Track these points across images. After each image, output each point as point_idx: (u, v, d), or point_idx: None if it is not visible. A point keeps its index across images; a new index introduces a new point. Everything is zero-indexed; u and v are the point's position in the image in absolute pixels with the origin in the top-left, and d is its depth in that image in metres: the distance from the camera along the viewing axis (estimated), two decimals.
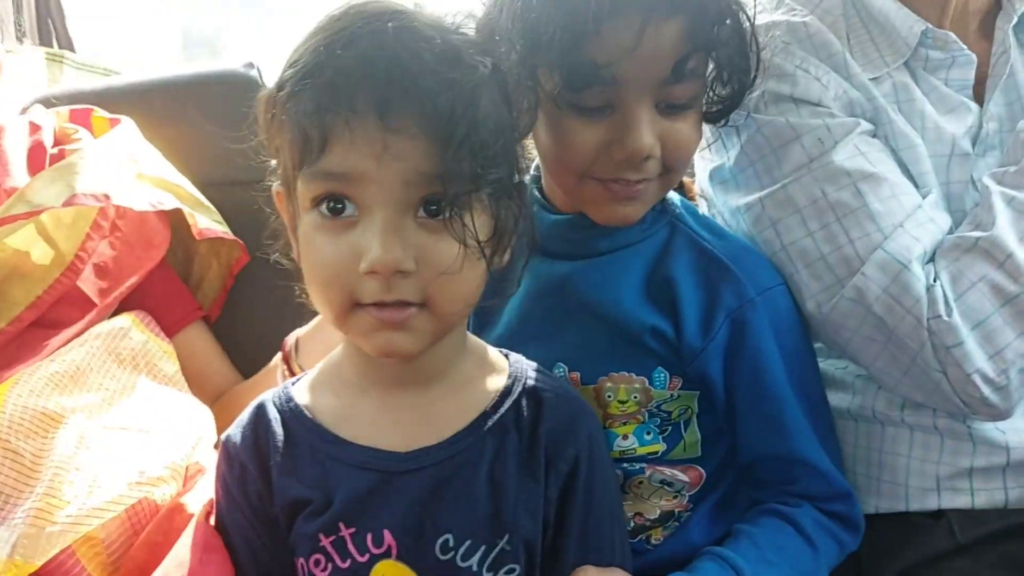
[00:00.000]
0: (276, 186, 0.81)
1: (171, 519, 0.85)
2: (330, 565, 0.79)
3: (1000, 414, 0.97)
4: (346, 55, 0.69)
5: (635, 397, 0.94)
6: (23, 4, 1.63)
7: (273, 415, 0.82)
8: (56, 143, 1.12)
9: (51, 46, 1.64)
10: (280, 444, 0.81)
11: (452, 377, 0.82)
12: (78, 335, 0.99)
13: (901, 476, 1.05)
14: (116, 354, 0.96)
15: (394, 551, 0.78)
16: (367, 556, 0.78)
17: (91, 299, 1.01)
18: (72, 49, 1.64)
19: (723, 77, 0.89)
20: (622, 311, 0.93)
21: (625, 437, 0.95)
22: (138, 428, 0.90)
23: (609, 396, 0.95)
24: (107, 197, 1.02)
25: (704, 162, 1.10)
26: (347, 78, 0.69)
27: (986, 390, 0.94)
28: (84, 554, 0.80)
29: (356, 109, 0.69)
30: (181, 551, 0.79)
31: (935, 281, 0.95)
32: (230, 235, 1.17)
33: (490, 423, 0.80)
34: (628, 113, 0.84)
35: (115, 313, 1.06)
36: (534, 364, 0.86)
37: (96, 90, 1.43)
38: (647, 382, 0.94)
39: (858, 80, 1.03)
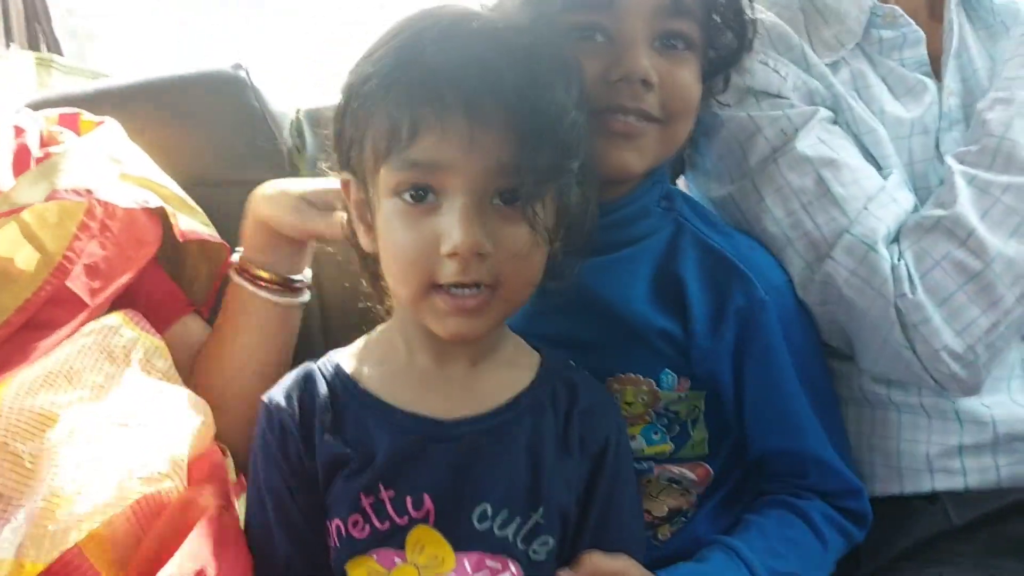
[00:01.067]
0: (343, 176, 0.86)
1: (183, 513, 0.85)
2: (368, 526, 0.82)
3: (970, 389, 1.00)
4: (436, 52, 0.76)
5: (642, 399, 0.95)
6: (10, 8, 1.63)
7: (319, 379, 0.87)
8: (43, 145, 1.12)
9: (39, 50, 1.64)
10: (325, 405, 0.85)
11: (495, 356, 0.87)
12: (70, 335, 0.98)
13: (893, 459, 1.06)
14: (108, 351, 0.96)
15: (432, 516, 0.81)
16: (406, 519, 0.82)
17: (82, 299, 1.01)
18: (60, 53, 1.64)
19: (720, 25, 0.94)
20: (631, 312, 0.94)
21: (632, 438, 0.96)
22: (136, 423, 0.89)
23: (616, 398, 0.95)
24: (89, 192, 1.02)
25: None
26: (438, 74, 0.75)
27: (955, 366, 0.96)
28: (92, 551, 0.79)
29: (446, 103, 0.74)
30: (194, 544, 0.80)
31: (899, 260, 0.97)
32: (216, 238, 1.16)
33: (529, 401, 0.85)
34: (624, 37, 0.89)
35: (107, 312, 1.06)
36: (560, 356, 0.90)
37: (85, 93, 1.43)
38: (654, 384, 0.95)
39: (817, 70, 1.07)
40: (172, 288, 1.15)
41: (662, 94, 0.90)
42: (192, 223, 1.14)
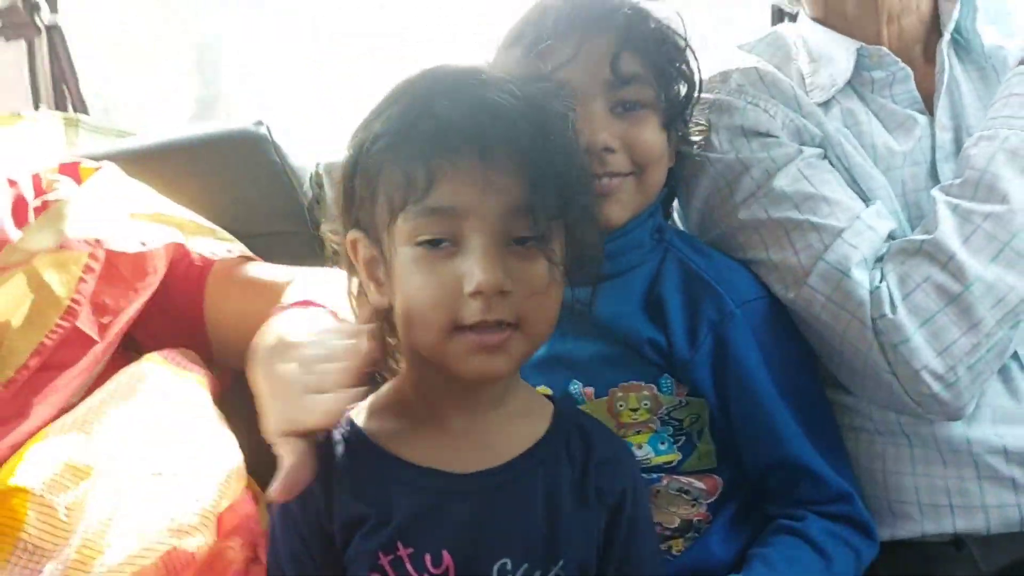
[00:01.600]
0: (351, 235, 0.86)
1: (211, 567, 0.86)
2: None
3: (952, 412, 1.01)
4: (447, 104, 0.78)
5: (645, 404, 1.01)
6: (39, 70, 1.68)
7: (335, 437, 0.86)
8: (39, 195, 1.16)
9: (66, 110, 1.68)
10: (342, 464, 0.85)
11: (509, 407, 0.87)
12: (87, 372, 1.02)
13: (910, 495, 1.07)
14: (143, 395, 0.98)
15: (452, 572, 0.81)
16: None
17: (92, 337, 1.04)
18: (87, 112, 1.68)
19: (667, 79, 1.02)
20: (624, 324, 1.01)
21: (640, 447, 1.01)
22: (169, 472, 0.91)
23: (620, 405, 1.01)
24: (99, 242, 1.05)
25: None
26: (451, 123, 0.77)
27: (936, 386, 0.98)
28: None
29: (460, 150, 0.77)
30: None
31: (881, 282, 1.01)
32: (233, 254, 1.19)
33: (544, 452, 0.86)
34: (582, 110, 0.95)
35: (122, 342, 1.09)
36: (573, 404, 0.93)
37: (111, 152, 1.47)
38: (655, 389, 1.01)
39: (808, 110, 1.14)
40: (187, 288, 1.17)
41: (628, 152, 0.99)
42: (208, 243, 1.18)
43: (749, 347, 1.00)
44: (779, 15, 1.55)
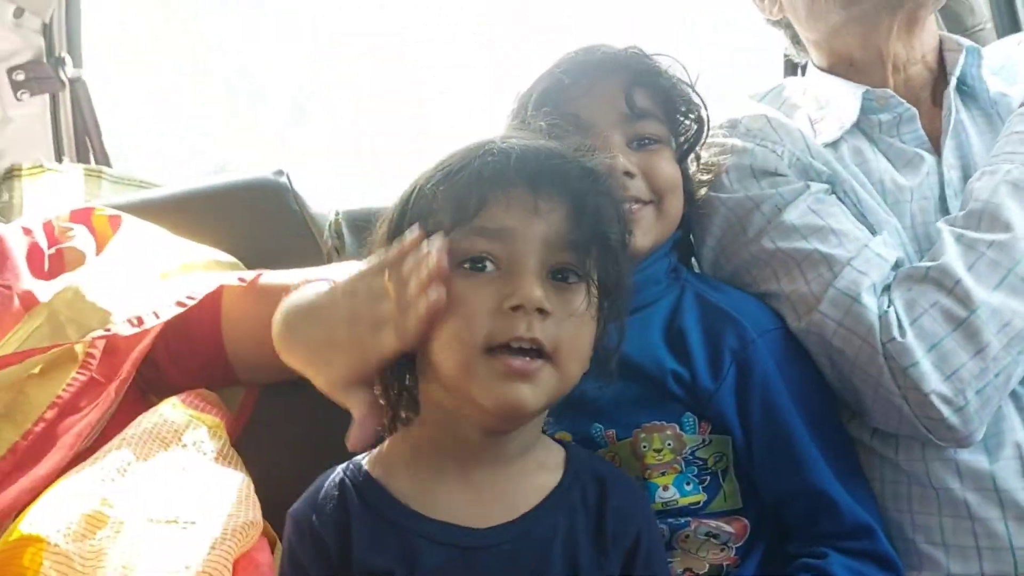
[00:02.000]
0: None
1: None
2: None
3: (963, 439, 1.02)
4: (502, 145, 0.84)
5: (669, 444, 1.01)
6: (61, 122, 1.70)
7: (348, 489, 0.86)
8: (53, 243, 1.17)
9: (88, 162, 1.70)
10: (359, 517, 0.84)
11: (526, 458, 0.87)
12: (99, 413, 1.02)
13: (936, 535, 1.06)
14: (161, 440, 0.98)
15: None
16: None
17: (100, 380, 1.04)
18: (109, 164, 1.70)
19: (676, 116, 1.11)
20: (646, 359, 1.03)
21: (665, 488, 1.01)
22: (185, 520, 0.90)
23: (644, 447, 1.01)
24: (140, 320, 1.06)
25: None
26: (505, 156, 0.83)
27: (945, 411, 0.99)
28: None
29: (512, 180, 0.82)
30: None
31: (889, 307, 1.03)
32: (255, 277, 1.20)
33: (559, 501, 0.86)
34: (601, 143, 1.00)
35: (136, 378, 1.09)
36: (584, 449, 0.93)
37: (132, 202, 1.49)
38: (678, 428, 1.01)
39: (816, 150, 1.18)
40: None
41: (647, 180, 1.07)
42: (233, 276, 1.19)
43: (772, 374, 1.03)
44: (792, 67, 1.57)
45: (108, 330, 1.04)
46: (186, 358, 1.12)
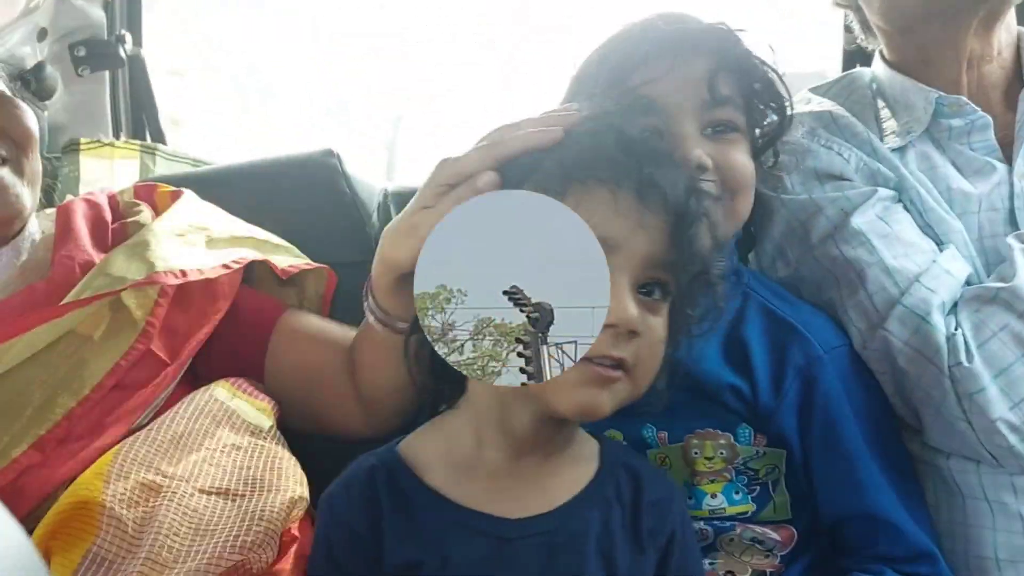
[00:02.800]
0: None
1: None
2: None
3: None
4: (614, 146, 0.80)
5: (721, 453, 0.98)
6: (119, 101, 1.74)
7: (382, 477, 0.85)
8: (118, 218, 1.19)
9: (143, 139, 1.74)
10: (393, 506, 0.83)
11: (566, 452, 0.86)
12: (155, 393, 1.05)
13: (988, 550, 1.03)
14: (214, 419, 1.00)
15: None
16: None
17: (163, 359, 1.07)
18: (164, 142, 1.73)
19: (757, 106, 1.02)
20: (702, 371, 0.97)
21: (714, 496, 0.98)
22: (235, 493, 0.93)
23: (696, 453, 0.98)
24: (184, 273, 1.09)
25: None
26: (616, 161, 0.79)
27: (1012, 438, 0.96)
28: None
29: (620, 183, 0.78)
30: None
31: (956, 330, 0.98)
32: (312, 264, 1.24)
33: (595, 494, 0.84)
34: (676, 133, 0.95)
35: (192, 365, 1.12)
36: (618, 442, 0.91)
37: (187, 176, 1.52)
38: (732, 438, 0.98)
39: (882, 154, 1.13)
40: (261, 300, 1.20)
41: (719, 174, 0.97)
42: (288, 259, 1.23)
43: (836, 393, 0.98)
44: (850, 60, 1.52)
45: (150, 278, 1.06)
46: (226, 359, 1.14)
